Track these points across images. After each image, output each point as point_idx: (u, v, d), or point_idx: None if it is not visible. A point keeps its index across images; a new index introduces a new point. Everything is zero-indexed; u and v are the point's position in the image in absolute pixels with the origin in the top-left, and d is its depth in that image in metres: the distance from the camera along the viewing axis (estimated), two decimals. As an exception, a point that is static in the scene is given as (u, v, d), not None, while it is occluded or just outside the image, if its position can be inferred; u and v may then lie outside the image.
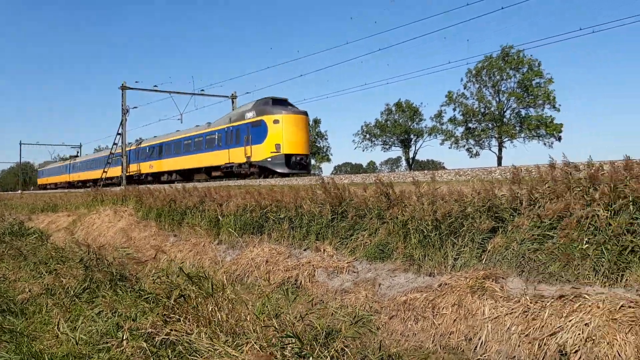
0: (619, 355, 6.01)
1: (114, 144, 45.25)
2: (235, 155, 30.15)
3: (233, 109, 48.02)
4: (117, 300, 8.33)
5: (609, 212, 7.34)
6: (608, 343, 6.17)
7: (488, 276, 8.28)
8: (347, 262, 10.99)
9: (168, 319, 6.92)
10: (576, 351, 6.38)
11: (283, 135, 27.64)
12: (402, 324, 8.71)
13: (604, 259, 7.17)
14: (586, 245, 7.41)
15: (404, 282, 9.67)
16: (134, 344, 6.42)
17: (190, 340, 5.90)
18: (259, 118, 28.61)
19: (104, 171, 46.84)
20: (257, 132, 28.42)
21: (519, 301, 7.50)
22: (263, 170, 28.15)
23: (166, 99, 45.14)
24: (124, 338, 6.59)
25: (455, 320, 8.03)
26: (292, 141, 27.81)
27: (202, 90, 44.88)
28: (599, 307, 6.57)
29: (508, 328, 7.33)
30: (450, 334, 7.91)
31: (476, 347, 7.48)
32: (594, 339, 6.32)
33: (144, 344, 6.23)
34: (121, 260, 11.43)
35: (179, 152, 37.88)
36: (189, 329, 6.47)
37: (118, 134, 43.67)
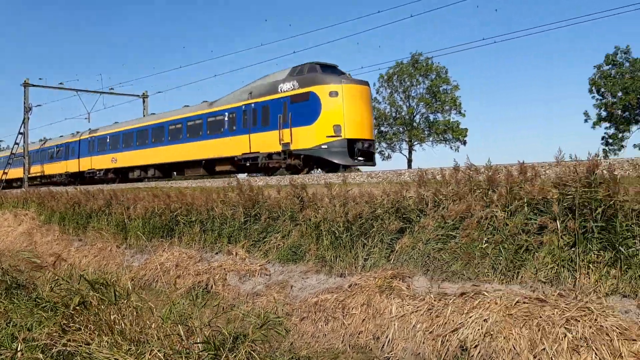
0: (514, 348, 6.35)
1: (15, 143, 42.42)
2: (262, 142, 21.83)
3: (144, 108, 45.90)
4: (13, 310, 7.81)
5: (506, 213, 7.75)
6: (505, 337, 6.50)
7: (396, 276, 8.51)
8: (259, 265, 10.95)
9: (67, 328, 6.57)
10: (476, 346, 6.68)
11: (344, 113, 19.71)
12: (313, 326, 8.77)
13: (501, 257, 7.55)
14: (485, 245, 7.78)
15: (315, 284, 9.75)
16: (29, 356, 6.04)
17: (89, 350, 5.63)
18: (305, 90, 20.33)
19: (3, 172, 43.65)
20: (302, 109, 20.31)
21: (424, 299, 7.76)
22: (311, 161, 20.89)
23: (73, 97, 42.89)
24: (19, 349, 6.17)
25: (364, 319, 8.18)
26: (356, 121, 20.00)
27: (112, 88, 42.96)
28: (496, 304, 6.91)
29: (414, 326, 7.56)
30: (359, 334, 8.06)
31: (383, 345, 7.66)
32: (492, 334, 6.63)
33: (40, 355, 5.87)
34: (18, 267, 10.74)
35: (161, 141, 28.74)
36: (90, 338, 6.17)
37: (20, 133, 41.03)
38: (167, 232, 14.01)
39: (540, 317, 6.42)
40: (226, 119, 24.22)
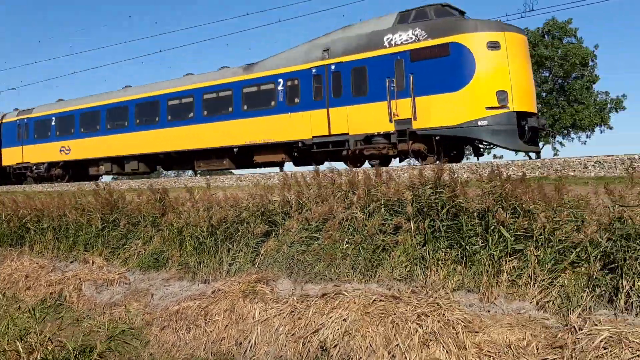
0: (371, 346, 6.55)
1: None
2: (353, 120, 15.41)
3: (-5, 106, 40.84)
4: None
5: (365, 214, 8.02)
6: (362, 335, 6.68)
7: (260, 279, 8.46)
8: (118, 274, 10.38)
9: None
10: (335, 346, 6.81)
11: (510, 75, 13.76)
12: (174, 334, 8.47)
13: (361, 257, 7.78)
14: (346, 245, 7.98)
15: (178, 291, 9.43)
16: None
17: None
18: (441, 40, 14.19)
19: None
20: (436, 68, 14.19)
21: (287, 302, 7.79)
22: (444, 144, 14.54)
23: None
24: None
25: (227, 325, 8.04)
26: (524, 87, 14.19)
27: (-44, 83, 38.49)
28: (355, 303, 7.10)
29: (276, 329, 7.55)
30: (221, 340, 7.90)
31: (246, 350, 7.57)
32: (350, 333, 6.80)
33: None
34: None
35: (153, 122, 20.78)
36: None
37: None
38: (16, 240, 12.89)
39: (395, 314, 6.68)
40: (280, 88, 17.06)
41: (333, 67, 15.94)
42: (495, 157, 39.88)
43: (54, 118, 25.17)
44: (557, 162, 10.28)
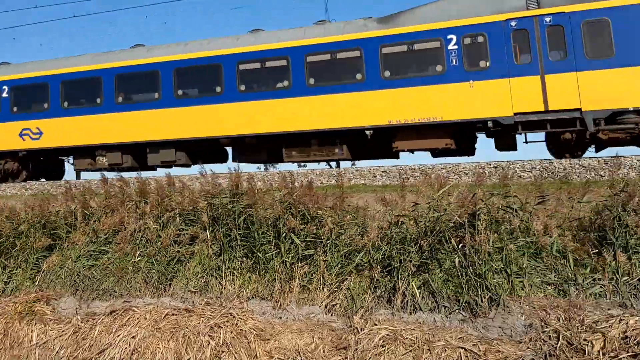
0: (161, 362, 6.27)
1: None
2: (583, 90, 11.72)
3: None
4: None
5: (159, 225, 7.67)
6: (152, 352, 6.36)
7: (40, 298, 7.67)
8: None
9: None
10: (123, 365, 6.39)
11: None
12: None
13: (154, 271, 7.43)
14: (139, 258, 7.56)
15: (-62, 317, 8.14)
16: None
17: None
18: None
19: None
20: None
21: (70, 322, 7.16)
22: None
23: None
24: None
25: (-2, 353, 7.14)
26: None
27: None
28: (146, 319, 6.74)
29: (57, 352, 6.90)
30: (-10, 370, 6.99)
31: (20, 379, 6.78)
32: (139, 351, 6.43)
33: None
34: None
35: (211, 92, 14.45)
36: None
37: None
38: None
39: (187, 327, 6.48)
40: (452, 47, 12.62)
41: (549, 19, 12.19)
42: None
43: (6, 87, 17.06)
44: (350, 172, 10.92)
